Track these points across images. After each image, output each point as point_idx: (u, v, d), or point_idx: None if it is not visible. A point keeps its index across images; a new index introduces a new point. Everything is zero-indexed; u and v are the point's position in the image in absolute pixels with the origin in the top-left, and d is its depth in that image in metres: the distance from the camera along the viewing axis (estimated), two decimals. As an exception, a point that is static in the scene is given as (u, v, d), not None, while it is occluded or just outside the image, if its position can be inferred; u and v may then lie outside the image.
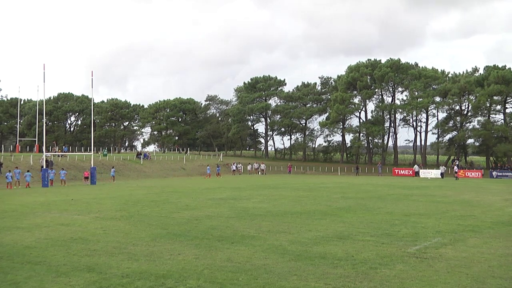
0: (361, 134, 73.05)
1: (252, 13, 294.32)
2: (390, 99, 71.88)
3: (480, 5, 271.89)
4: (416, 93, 65.74)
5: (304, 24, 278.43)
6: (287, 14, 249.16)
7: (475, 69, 66.48)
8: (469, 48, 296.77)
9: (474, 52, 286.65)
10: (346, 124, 74.97)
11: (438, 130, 67.50)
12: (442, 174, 50.58)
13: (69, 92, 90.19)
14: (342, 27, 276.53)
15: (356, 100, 72.29)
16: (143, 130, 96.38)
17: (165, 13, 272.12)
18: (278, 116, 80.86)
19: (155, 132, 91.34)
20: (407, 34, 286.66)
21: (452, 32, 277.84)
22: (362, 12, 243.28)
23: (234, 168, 58.73)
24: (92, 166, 39.23)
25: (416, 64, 70.31)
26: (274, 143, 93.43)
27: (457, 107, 66.38)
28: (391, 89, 71.28)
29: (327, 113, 76.38)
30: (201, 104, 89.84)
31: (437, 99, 65.23)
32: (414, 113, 67.52)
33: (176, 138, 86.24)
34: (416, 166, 59.31)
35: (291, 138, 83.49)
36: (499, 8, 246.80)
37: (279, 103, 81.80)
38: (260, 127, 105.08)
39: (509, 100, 62.30)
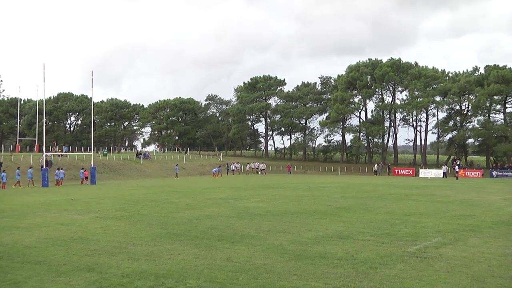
0: (361, 134, 73.06)
1: (244, 13, 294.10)
2: (390, 99, 71.91)
3: (469, 5, 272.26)
4: (416, 93, 65.70)
5: (296, 23, 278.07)
6: (278, 13, 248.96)
7: (475, 69, 66.40)
8: (461, 47, 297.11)
9: (466, 51, 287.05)
10: (346, 124, 74.98)
11: (438, 129, 67.47)
12: (444, 173, 50.53)
13: (69, 92, 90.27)
14: (334, 26, 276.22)
15: (356, 100, 72.30)
16: (143, 130, 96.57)
17: (158, 12, 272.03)
18: (278, 115, 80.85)
19: (155, 132, 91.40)
20: (399, 33, 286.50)
21: (443, 32, 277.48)
22: (352, 11, 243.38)
23: (234, 168, 58.72)
24: (92, 166, 39.22)
25: (416, 64, 70.29)
26: (274, 143, 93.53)
27: (457, 107, 66.40)
28: (391, 89, 71.28)
29: (327, 113, 76.41)
30: (201, 103, 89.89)
31: (437, 98, 65.19)
32: (414, 112, 67.47)
33: (176, 138, 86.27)
34: (375, 165, 59.50)
35: (291, 138, 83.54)
36: (488, 7, 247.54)
37: (279, 103, 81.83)
38: (260, 127, 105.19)
39: (509, 100, 62.31)
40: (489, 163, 62.88)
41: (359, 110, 73.26)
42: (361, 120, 73.66)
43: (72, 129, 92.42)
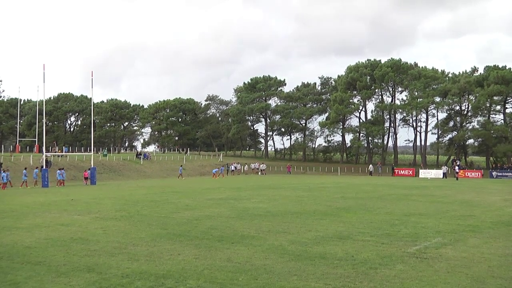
0: (361, 134, 73.08)
1: (243, 13, 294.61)
2: (390, 99, 71.92)
3: (469, 5, 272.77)
4: (416, 93, 65.73)
5: (295, 23, 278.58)
6: (278, 13, 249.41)
7: (475, 69, 66.49)
8: (460, 47, 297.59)
9: (466, 51, 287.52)
10: (346, 124, 75.02)
11: (438, 130, 67.51)
12: (444, 174, 50.55)
13: (69, 92, 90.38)
14: (333, 26, 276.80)
15: (355, 100, 72.33)
16: (143, 130, 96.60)
17: (157, 12, 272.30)
18: (278, 116, 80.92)
19: (155, 132, 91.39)
20: (398, 33, 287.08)
21: (443, 32, 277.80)
22: (352, 11, 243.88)
23: (234, 168, 58.71)
24: (92, 166, 39.22)
25: (416, 64, 70.30)
26: (274, 143, 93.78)
27: (457, 107, 66.44)
28: (391, 89, 71.30)
29: (327, 113, 76.44)
30: (201, 104, 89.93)
31: (437, 99, 65.22)
32: (414, 113, 67.51)
33: (176, 138, 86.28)
34: (371, 166, 59.48)
35: (291, 138, 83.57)
36: (488, 8, 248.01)
37: (279, 103, 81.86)
38: (260, 127, 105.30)
39: (509, 100, 62.34)
40: (489, 164, 62.90)
41: (359, 111, 73.30)
42: (361, 121, 73.70)
43: (72, 129, 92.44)
